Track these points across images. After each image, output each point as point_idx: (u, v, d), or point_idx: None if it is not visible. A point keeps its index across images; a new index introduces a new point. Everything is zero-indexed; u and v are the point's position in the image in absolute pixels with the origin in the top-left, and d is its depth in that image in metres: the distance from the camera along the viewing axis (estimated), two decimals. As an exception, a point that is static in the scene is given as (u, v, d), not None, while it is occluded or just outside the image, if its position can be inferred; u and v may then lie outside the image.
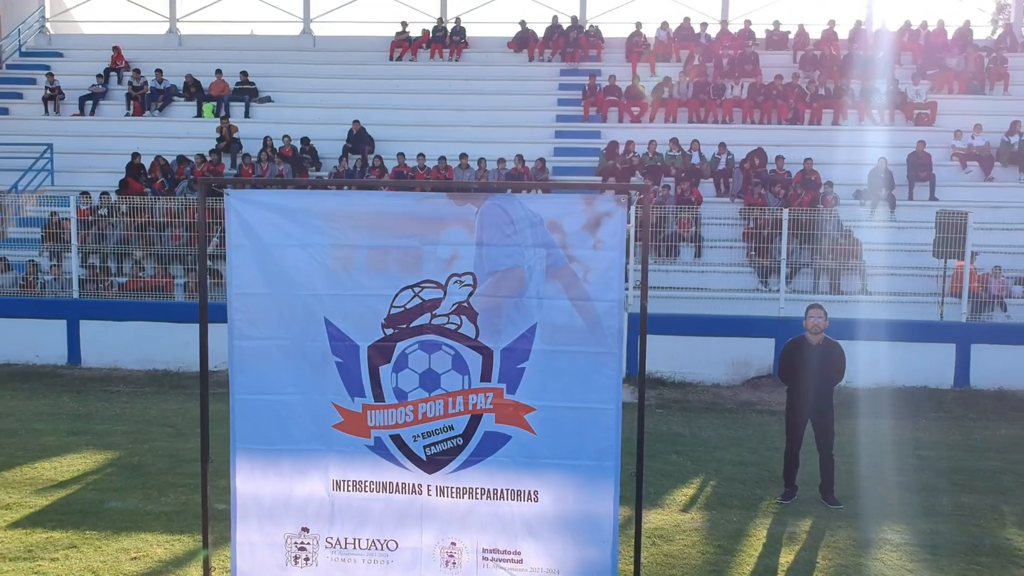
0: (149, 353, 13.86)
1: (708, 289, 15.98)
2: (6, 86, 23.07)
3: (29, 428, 10.02)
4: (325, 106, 21.95)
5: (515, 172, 18.74)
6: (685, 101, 20.87)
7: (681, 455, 9.39)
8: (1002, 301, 15.23)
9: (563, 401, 5.15)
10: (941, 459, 9.55)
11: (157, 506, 7.55)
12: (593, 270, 5.10)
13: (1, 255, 16.58)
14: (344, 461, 5.30)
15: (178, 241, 16.31)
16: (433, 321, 5.22)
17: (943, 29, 22.94)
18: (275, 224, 5.24)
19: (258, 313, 5.34)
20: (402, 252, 5.20)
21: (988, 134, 19.58)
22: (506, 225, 5.12)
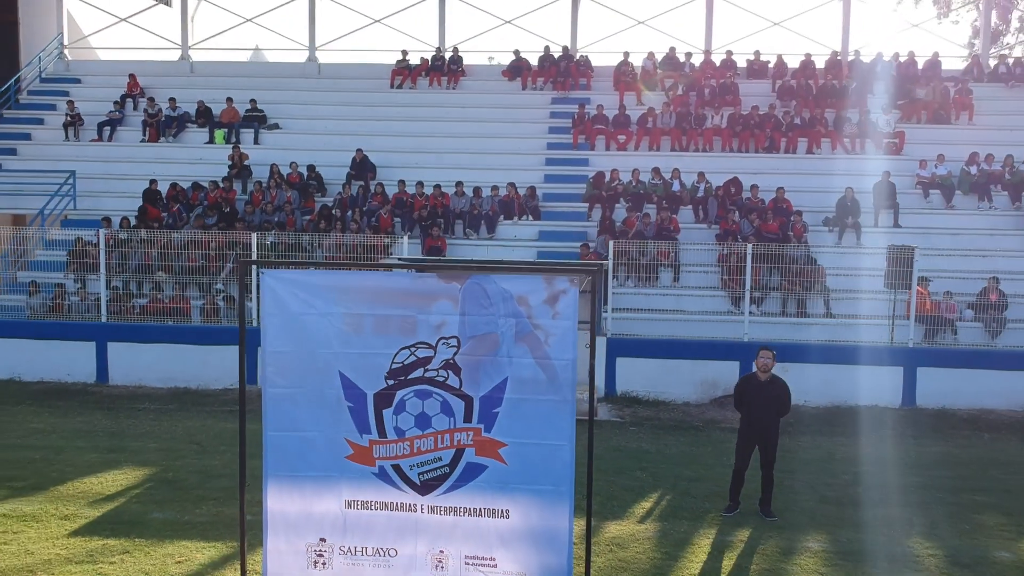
0: (171, 372, 15.23)
1: (684, 311, 17.33)
2: (28, 112, 24.43)
3: (72, 445, 11.36)
4: (330, 132, 23.28)
5: (507, 199, 20.08)
6: (668, 130, 22.19)
7: (645, 471, 10.73)
8: (953, 324, 16.57)
9: (528, 438, 6.47)
10: (873, 475, 10.89)
11: (193, 517, 8.88)
12: (552, 335, 6.43)
13: (31, 278, 17.97)
14: (354, 485, 6.62)
15: (194, 265, 17.67)
16: (426, 374, 6.54)
17: (913, 60, 24.27)
18: (300, 297, 6.56)
19: (286, 367, 6.65)
20: (401, 320, 6.53)
21: (952, 163, 20.93)
22: (483, 299, 6.45)
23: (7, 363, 15.49)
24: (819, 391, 14.57)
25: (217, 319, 16.71)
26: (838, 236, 19.22)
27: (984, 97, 23.58)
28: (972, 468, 11.35)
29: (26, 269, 18.73)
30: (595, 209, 19.93)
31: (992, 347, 15.72)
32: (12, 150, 22.97)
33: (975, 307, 16.81)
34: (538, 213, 20.16)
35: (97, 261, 17.13)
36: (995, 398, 14.42)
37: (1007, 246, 19.01)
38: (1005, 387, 14.47)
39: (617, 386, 14.86)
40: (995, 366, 14.64)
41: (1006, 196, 20.10)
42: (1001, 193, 20.17)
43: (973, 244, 19.04)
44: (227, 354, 15.30)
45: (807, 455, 11.76)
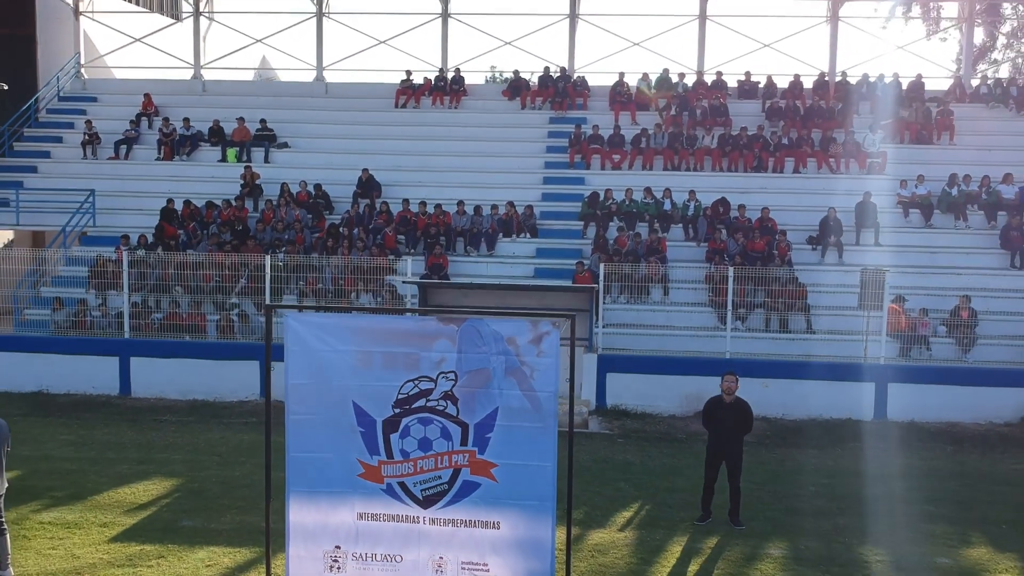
0: (189, 385, 16.26)
1: (673, 327, 18.33)
2: (47, 130, 25.46)
3: (104, 457, 12.36)
4: (337, 151, 24.27)
5: (506, 217, 21.08)
6: (661, 150, 23.17)
7: (628, 482, 11.71)
8: (927, 340, 17.54)
9: (516, 460, 7.45)
10: (837, 486, 11.87)
11: (219, 525, 9.88)
12: (537, 370, 7.41)
13: (54, 294, 19.00)
14: (365, 500, 7.61)
15: (210, 282, 18.69)
16: (427, 404, 7.53)
17: (898, 81, 25.21)
18: (318, 336, 7.56)
19: (306, 397, 7.64)
20: (405, 356, 7.52)
21: (932, 182, 21.89)
22: (477, 339, 7.44)
23: (35, 377, 16.52)
24: (797, 405, 15.56)
25: (232, 334, 17.74)
26: (821, 254, 20.20)
27: (965, 117, 24.55)
28: (931, 479, 12.31)
29: (49, 285, 19.75)
30: (590, 227, 20.93)
31: (959, 363, 16.67)
32: (33, 168, 24.01)
33: (948, 324, 17.79)
34: (536, 231, 21.15)
35: (116, 278, 18.21)
36: (961, 412, 15.38)
37: (982, 264, 19.98)
38: (971, 402, 15.43)
39: (607, 400, 15.85)
40: (961, 382, 15.59)
41: (982, 215, 21.06)
42: (977, 213, 21.13)
43: (949, 262, 20.01)
44: (241, 368, 16.35)
45: (779, 467, 12.74)
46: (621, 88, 25.36)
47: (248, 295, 18.34)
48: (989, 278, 19.44)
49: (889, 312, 17.21)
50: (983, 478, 12.47)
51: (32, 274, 19.25)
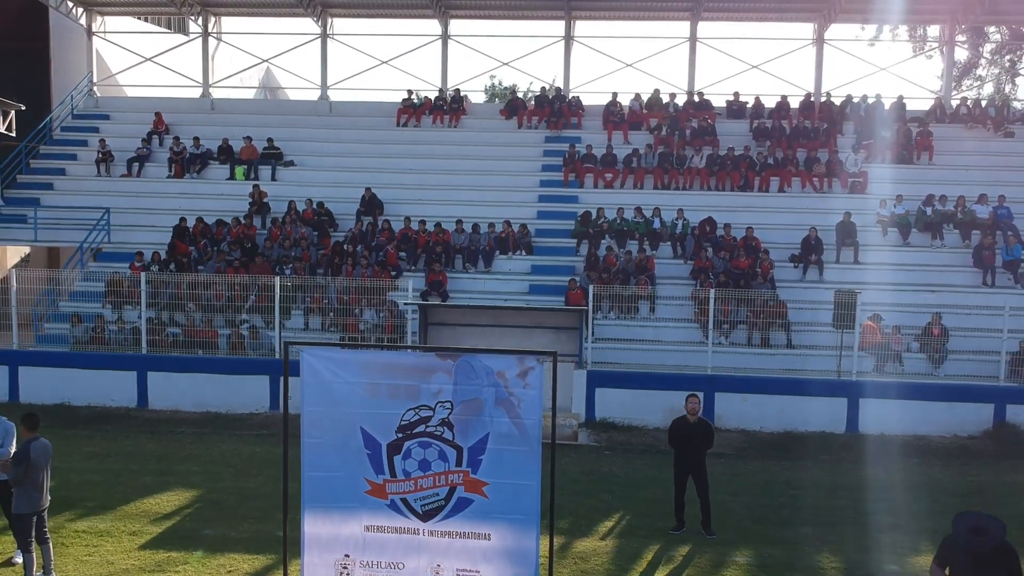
0: (203, 398, 17.28)
1: (661, 341, 19.36)
2: (62, 148, 26.48)
3: (127, 468, 13.36)
4: (341, 169, 25.30)
5: (503, 235, 22.07)
6: (651, 169, 24.16)
7: (611, 494, 12.72)
8: (900, 356, 18.54)
9: (505, 479, 8.44)
10: (805, 497, 12.86)
11: (237, 533, 10.87)
12: (523, 401, 8.40)
13: (72, 309, 20.01)
14: (372, 514, 8.60)
15: (221, 299, 19.69)
16: (427, 429, 8.52)
17: (881, 102, 26.20)
18: (331, 369, 8.55)
19: (319, 423, 8.63)
20: (407, 387, 8.51)
21: (911, 201, 22.89)
22: (471, 373, 8.43)
23: (57, 390, 17.51)
24: (774, 418, 16.56)
25: (242, 348, 18.74)
26: (803, 272, 21.19)
27: (945, 137, 25.54)
28: (893, 491, 13.28)
29: (67, 299, 20.78)
30: (583, 245, 21.94)
31: (929, 378, 17.63)
32: (49, 185, 25.02)
33: (920, 340, 18.79)
34: (531, 248, 22.14)
35: (131, 294, 19.24)
36: (929, 426, 16.38)
37: (955, 282, 20.97)
38: (938, 416, 16.44)
39: (596, 413, 16.86)
40: (929, 397, 16.58)
41: (957, 234, 22.05)
42: (953, 231, 22.12)
43: (925, 280, 20.98)
44: (251, 383, 17.39)
45: (752, 479, 13.74)
46: (614, 108, 26.36)
47: (258, 311, 19.37)
48: (961, 295, 20.42)
49: (864, 329, 18.25)
50: (942, 490, 13.43)
51: (51, 290, 20.26)
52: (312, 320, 19.75)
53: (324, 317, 19.52)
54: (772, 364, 18.57)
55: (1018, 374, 17.72)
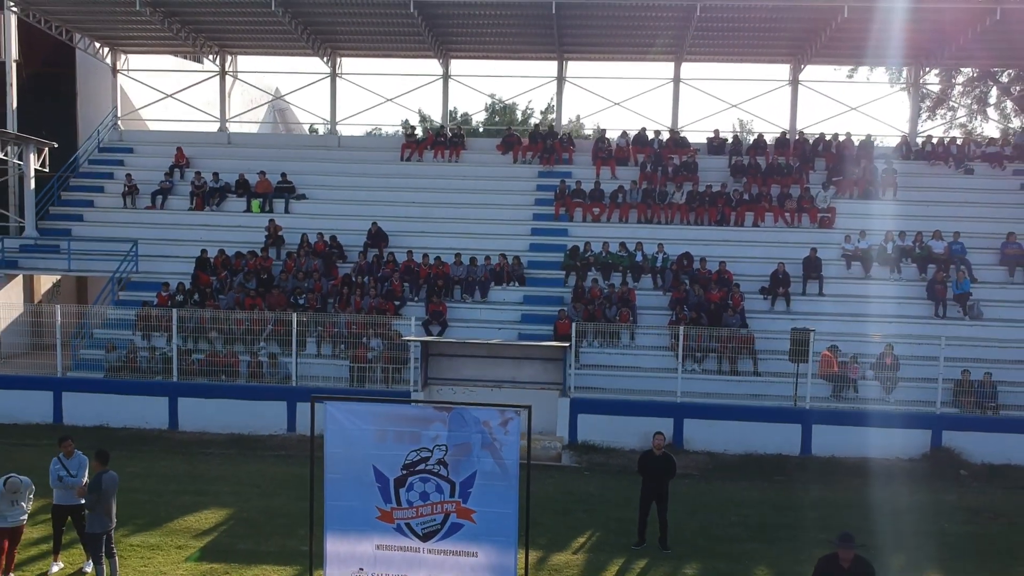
0: (228, 421, 19.31)
1: (640, 368, 21.34)
2: (90, 180, 28.53)
3: (168, 489, 15.37)
4: (349, 201, 27.33)
5: (498, 267, 24.08)
6: (636, 204, 26.16)
7: (586, 512, 14.72)
8: (855, 383, 20.51)
9: (489, 508, 10.45)
10: (756, 515, 14.84)
11: (267, 547, 12.88)
12: (505, 445, 10.41)
13: (106, 336, 22.04)
14: (381, 535, 10.61)
15: (241, 327, 21.71)
16: (426, 467, 10.54)
17: (851, 140, 28.18)
18: (349, 419, 10.57)
19: (339, 461, 10.63)
20: (410, 433, 10.53)
21: (875, 234, 24.85)
22: (462, 422, 10.44)
23: (97, 413, 19.55)
24: (736, 442, 18.54)
25: (260, 373, 20.75)
26: (771, 303, 23.16)
27: (909, 173, 27.52)
28: (832, 509, 15.25)
29: (101, 327, 22.81)
30: (571, 277, 23.94)
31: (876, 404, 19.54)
32: (79, 216, 27.06)
33: (874, 368, 20.76)
34: (523, 280, 24.13)
35: (160, 322, 21.29)
36: (874, 449, 18.30)
37: (911, 313, 22.95)
38: (882, 440, 18.33)
39: (578, 436, 18.84)
40: (873, 423, 18.50)
41: (915, 268, 24.02)
42: (910, 265, 24.09)
43: (883, 311, 22.91)
44: (271, 407, 19.44)
45: (711, 498, 15.73)
46: (603, 144, 28.37)
47: (274, 339, 21.39)
48: (915, 326, 22.38)
49: (822, 359, 20.28)
50: (875, 509, 15.38)
51: (86, 321, 22.30)
52: (324, 347, 21.77)
53: (335, 346, 21.53)
54: (739, 390, 20.57)
55: (960, 401, 19.71)
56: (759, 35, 27.23)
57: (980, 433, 18.36)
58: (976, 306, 22.66)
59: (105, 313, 23.13)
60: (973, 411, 19.42)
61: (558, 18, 25.77)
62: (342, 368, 20.93)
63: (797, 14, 25.17)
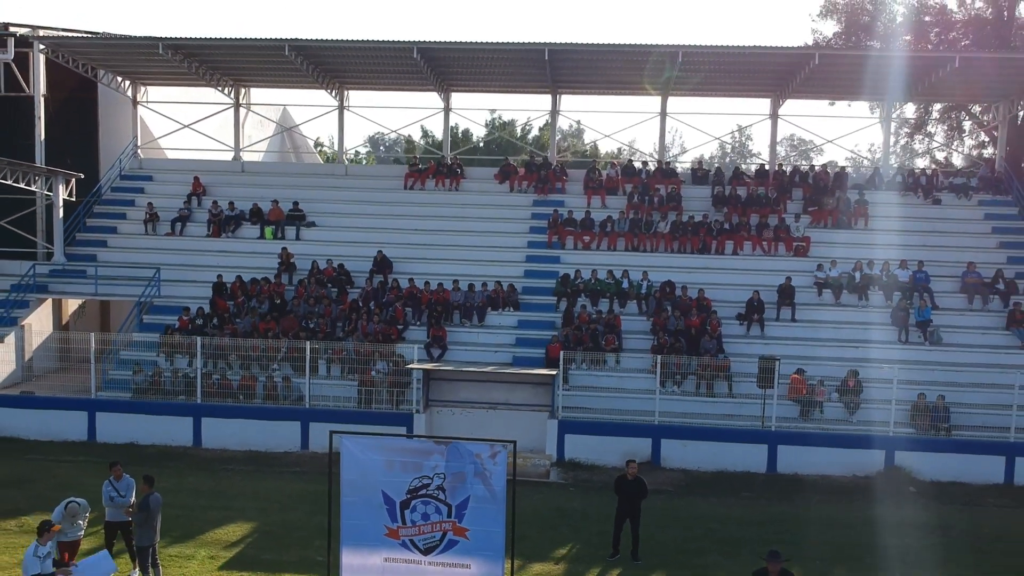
0: (246, 439, 21.20)
1: (624, 389, 23.18)
2: (112, 207, 30.41)
3: (197, 504, 17.21)
4: (355, 228, 29.19)
5: (494, 294, 25.94)
6: (623, 233, 28.02)
7: (569, 527, 16.57)
8: (821, 405, 22.34)
9: (481, 527, 12.32)
10: (721, 530, 16.67)
11: (287, 557, 14.72)
12: (493, 474, 12.28)
13: (132, 359, 23.90)
14: (389, 550, 12.48)
15: (257, 352, 23.58)
16: (427, 492, 12.41)
17: (826, 171, 30.03)
18: (362, 450, 12.44)
19: (354, 487, 12.51)
20: (414, 463, 12.41)
21: (845, 262, 26.70)
22: (458, 454, 12.32)
23: (127, 431, 21.44)
24: (709, 460, 20.40)
25: (275, 393, 22.61)
26: (747, 329, 25.01)
27: (880, 203, 29.35)
28: (790, 524, 17.09)
29: (127, 349, 24.69)
30: (562, 302, 25.79)
31: (841, 425, 21.40)
32: (103, 242, 28.95)
33: (840, 390, 22.60)
34: (518, 305, 25.99)
35: (182, 344, 23.18)
36: (833, 467, 20.17)
37: (876, 338, 24.73)
38: (841, 459, 20.22)
39: (566, 455, 20.71)
40: (832, 443, 20.38)
41: (881, 295, 25.85)
42: (877, 293, 25.92)
43: (851, 336, 24.78)
44: (285, 427, 21.31)
45: (682, 513, 17.58)
46: (594, 175, 30.24)
47: (288, 361, 23.26)
48: (879, 351, 24.15)
49: (792, 381, 22.15)
50: (830, 523, 17.23)
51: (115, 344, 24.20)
52: (333, 369, 23.63)
53: (344, 368, 23.38)
54: (715, 410, 22.39)
55: (916, 422, 21.53)
56: (740, 75, 29.08)
57: (929, 453, 20.18)
58: (936, 332, 24.49)
59: (131, 336, 24.99)
60: (928, 432, 21.25)
61: (551, 60, 27.64)
62: (350, 388, 22.77)
63: (772, 59, 27.02)
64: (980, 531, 16.99)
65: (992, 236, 28.34)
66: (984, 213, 29.17)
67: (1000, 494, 19.44)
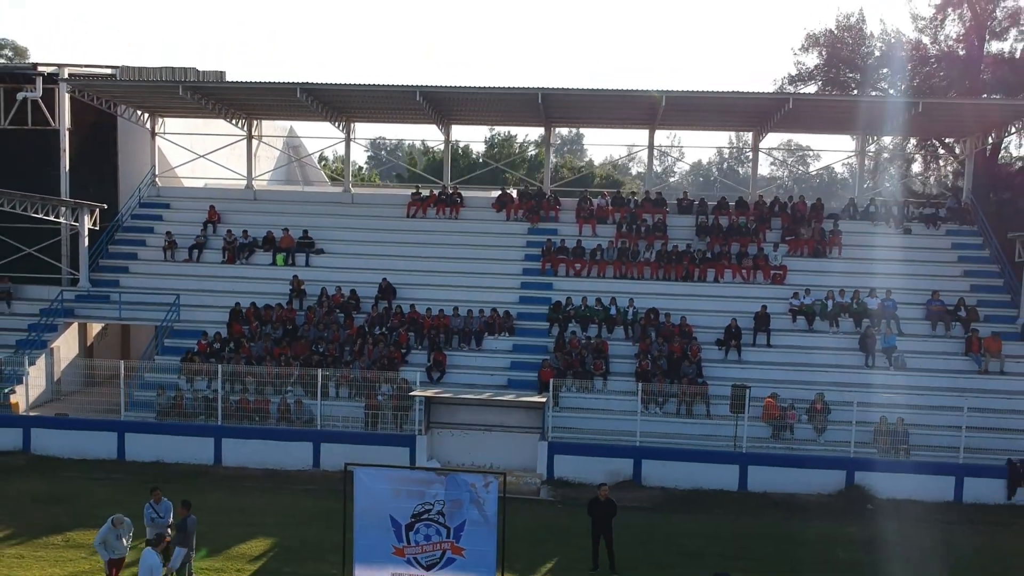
0: (263, 458, 23.14)
1: (611, 411, 25.11)
2: (133, 234, 32.35)
3: (221, 520, 19.07)
4: (361, 255, 31.12)
5: (491, 319, 27.88)
6: (612, 261, 29.95)
7: (555, 542, 18.49)
8: (791, 426, 24.27)
9: (475, 547, 14.26)
10: (692, 545, 18.57)
11: (306, 571, 16.61)
12: (486, 502, 14.23)
13: (156, 381, 25.83)
14: (396, 566, 14.41)
15: (272, 375, 25.53)
16: (429, 516, 14.35)
17: (804, 202, 31.94)
18: (373, 480, 14.38)
19: (366, 512, 14.44)
20: (417, 491, 14.35)
21: (819, 290, 28.62)
22: (456, 484, 14.28)
23: (155, 450, 23.40)
24: (685, 479, 22.32)
25: (288, 415, 24.54)
26: (724, 353, 26.93)
27: (854, 232, 31.27)
28: (753, 540, 18.99)
29: (150, 371, 26.63)
30: (554, 328, 27.72)
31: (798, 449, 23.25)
32: (125, 268, 30.89)
33: (808, 413, 24.52)
34: (513, 330, 27.93)
35: (201, 368, 25.12)
36: (799, 486, 22.07)
37: (845, 363, 26.71)
38: (804, 478, 22.12)
39: (555, 474, 22.64)
40: (797, 464, 22.31)
41: (851, 322, 27.77)
42: (848, 320, 27.84)
43: (822, 360, 26.71)
44: (299, 447, 23.24)
45: (658, 529, 19.48)
46: (585, 204, 32.17)
47: (300, 384, 25.19)
48: (848, 374, 26.15)
49: (765, 404, 24.09)
50: (789, 540, 19.14)
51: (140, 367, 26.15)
52: (342, 390, 25.56)
53: (352, 390, 25.30)
54: (693, 431, 24.35)
55: (878, 443, 23.43)
56: (721, 113, 31.01)
57: (886, 473, 22.10)
58: (900, 357, 26.41)
59: (153, 358, 26.95)
60: (889, 452, 23.16)
61: (544, 102, 29.57)
62: (358, 409, 24.70)
63: (750, 101, 28.95)
64: (924, 546, 18.89)
65: (957, 265, 30.25)
66: (951, 243, 31.08)
67: (948, 511, 21.35)
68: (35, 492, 20.92)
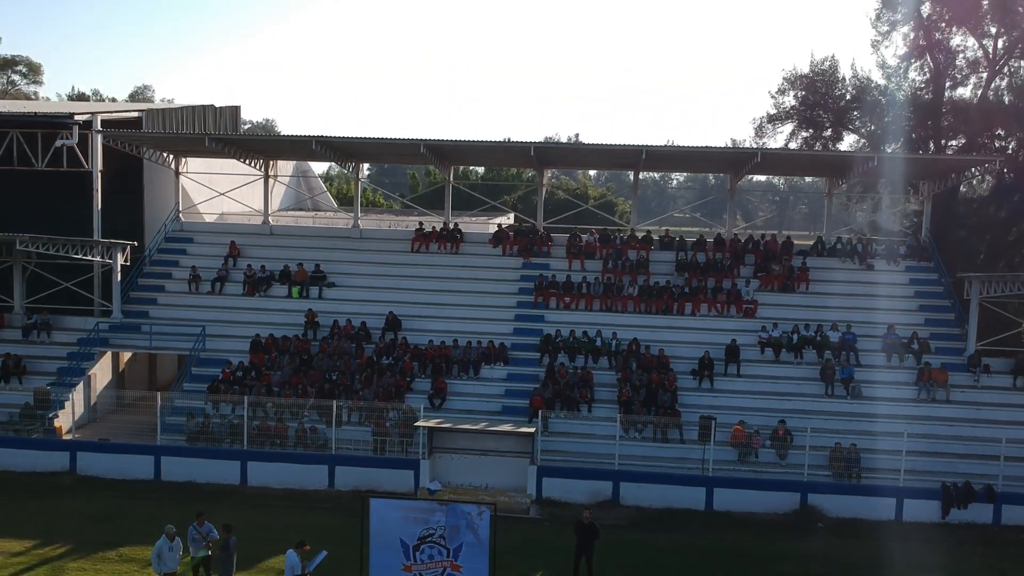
0: (284, 479, 25.99)
1: (595, 435, 27.93)
2: (160, 268, 35.22)
3: (252, 536, 21.82)
4: (369, 287, 33.97)
5: (487, 350, 30.73)
6: (598, 295, 32.81)
7: (541, 559, 21.29)
8: (756, 451, 27.08)
9: (470, 565, 17.11)
10: (659, 560, 21.42)
11: (328, 583, 19.52)
12: (480, 528, 17.08)
13: (185, 406, 28.68)
14: (405, 581, 17.31)
15: (289, 400, 28.38)
16: (432, 539, 17.21)
17: (775, 240, 34.78)
18: (386, 508, 17.24)
19: (380, 535, 17.29)
20: (422, 518, 17.20)
21: (786, 323, 31.46)
22: (455, 512, 17.14)
23: (186, 472, 26.24)
24: (659, 499, 25.14)
25: (305, 439, 27.39)
26: (698, 383, 29.77)
27: (821, 267, 34.12)
28: (712, 556, 21.78)
29: (181, 397, 29.49)
30: (545, 358, 30.57)
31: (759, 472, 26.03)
32: (153, 300, 33.75)
33: (772, 438, 27.35)
34: (508, 360, 30.76)
35: (226, 395, 27.97)
36: (757, 505, 24.85)
37: (807, 391, 29.55)
38: (763, 499, 24.89)
39: (543, 494, 25.49)
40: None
41: (815, 354, 30.61)
42: (811, 351, 30.67)
43: (787, 390, 29.56)
44: (315, 469, 26.08)
45: (631, 547, 22.23)
46: (575, 241, 35.02)
47: (315, 410, 28.04)
48: (809, 403, 28.99)
49: (734, 431, 26.93)
50: (744, 556, 21.92)
51: (171, 395, 29.02)
52: (353, 416, 28.40)
53: (361, 415, 28.14)
54: (668, 454, 27.16)
55: (833, 466, 26.25)
56: (699, 161, 33.85)
57: (836, 495, 24.93)
58: (857, 387, 29.26)
59: (182, 386, 29.82)
60: (843, 475, 25.97)
61: (537, 153, 32.47)
62: (367, 433, 27.54)
63: (722, 154, 31.81)
64: (861, 560, 21.71)
65: (914, 299, 33.09)
66: (909, 278, 33.91)
67: (889, 529, 24.19)
68: (85, 510, 23.76)
